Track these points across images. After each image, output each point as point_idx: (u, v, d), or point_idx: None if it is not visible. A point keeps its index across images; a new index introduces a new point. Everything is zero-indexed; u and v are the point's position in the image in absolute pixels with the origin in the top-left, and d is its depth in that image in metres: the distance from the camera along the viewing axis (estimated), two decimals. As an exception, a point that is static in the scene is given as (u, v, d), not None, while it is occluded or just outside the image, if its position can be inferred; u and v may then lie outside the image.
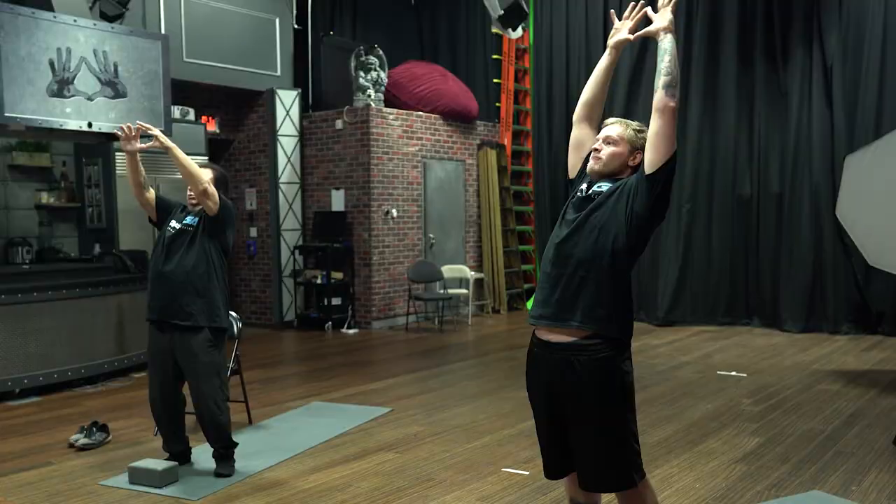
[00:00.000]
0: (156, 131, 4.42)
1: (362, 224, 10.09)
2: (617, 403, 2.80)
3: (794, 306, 9.60)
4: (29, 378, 6.36)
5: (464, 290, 10.75)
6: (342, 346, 9.03)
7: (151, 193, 4.66)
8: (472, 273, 10.82)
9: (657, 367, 7.54)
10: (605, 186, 2.88)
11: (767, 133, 9.88)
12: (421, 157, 10.65)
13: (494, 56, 11.96)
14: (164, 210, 4.69)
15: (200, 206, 4.53)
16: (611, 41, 3.12)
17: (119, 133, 4.51)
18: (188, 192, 4.55)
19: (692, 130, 10.26)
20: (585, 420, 2.83)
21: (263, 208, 10.46)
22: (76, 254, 8.59)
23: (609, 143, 2.92)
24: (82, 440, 5.09)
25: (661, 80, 2.79)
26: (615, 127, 2.95)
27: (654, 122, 2.77)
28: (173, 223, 4.58)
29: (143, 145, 4.50)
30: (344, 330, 9.94)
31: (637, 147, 2.92)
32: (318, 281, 10.03)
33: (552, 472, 3.04)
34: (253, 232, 10.58)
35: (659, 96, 2.78)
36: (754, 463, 4.64)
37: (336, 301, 10.05)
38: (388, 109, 10.25)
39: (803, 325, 9.50)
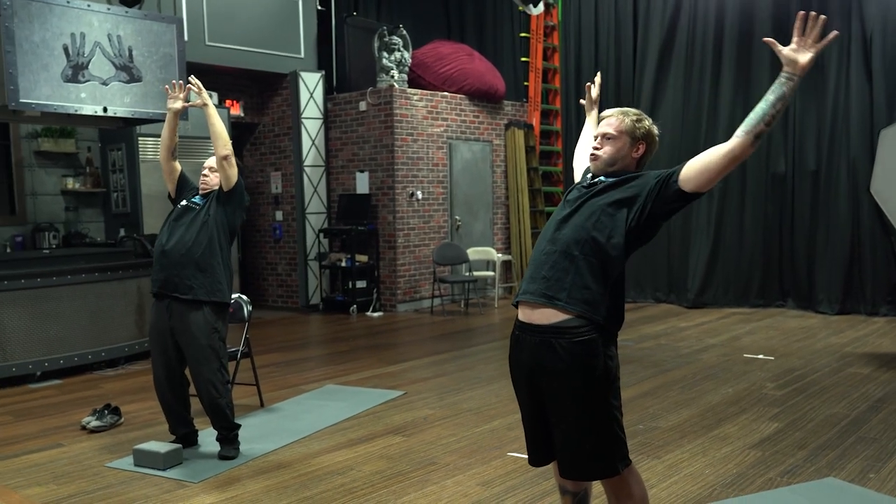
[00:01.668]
0: (201, 88, 4.52)
1: (387, 206, 10.03)
2: (598, 389, 2.68)
3: (829, 287, 9.32)
4: (50, 361, 6.43)
5: (490, 273, 10.64)
6: (365, 329, 9.00)
7: (178, 165, 4.72)
8: (500, 255, 10.70)
9: (681, 350, 7.36)
10: (612, 179, 2.79)
11: (803, 108, 9.56)
12: (446, 138, 10.53)
13: (522, 34, 11.77)
14: (182, 187, 4.72)
15: (210, 190, 4.54)
16: (586, 107, 3.33)
17: (167, 89, 4.64)
18: (202, 175, 4.57)
19: (724, 106, 9.99)
20: (565, 406, 2.72)
21: (288, 192, 10.45)
22: (102, 238, 8.68)
23: (607, 139, 2.80)
24: (94, 422, 5.12)
25: (756, 126, 2.53)
26: (611, 120, 2.82)
27: (721, 158, 2.57)
28: (182, 202, 4.60)
29: (187, 104, 4.63)
30: (369, 313, 9.91)
31: (637, 137, 2.79)
32: (343, 264, 10.01)
33: (535, 458, 2.95)
34: (278, 215, 10.59)
35: (744, 141, 2.55)
36: (770, 449, 4.48)
37: (361, 284, 10.02)
38: (413, 90, 10.15)
39: (839, 307, 9.22)
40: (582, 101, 3.38)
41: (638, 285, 10.65)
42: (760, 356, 6.97)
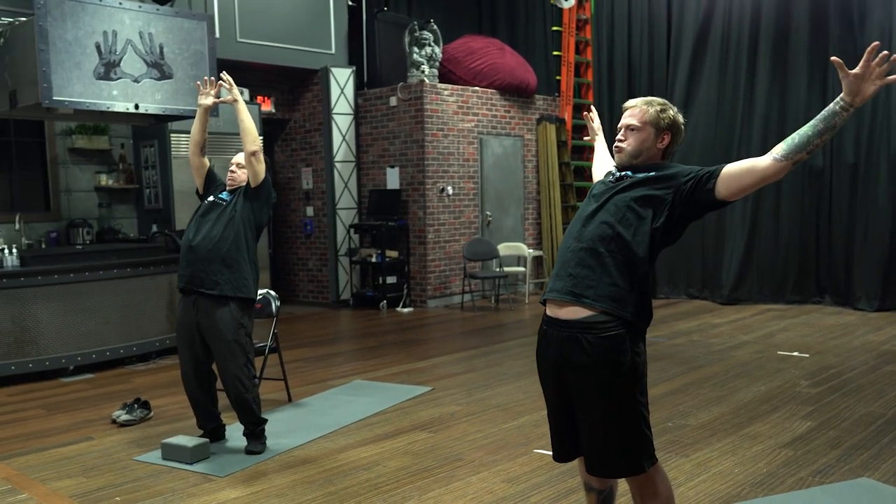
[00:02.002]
0: (232, 84, 4.57)
1: (417, 202, 10.01)
2: (625, 385, 2.64)
3: (868, 283, 9.12)
4: (82, 356, 6.52)
5: (521, 268, 10.58)
6: (395, 324, 9.00)
7: (207, 161, 4.76)
8: (531, 251, 10.64)
9: (714, 346, 7.25)
10: (640, 175, 2.73)
11: (841, 100, 9.34)
12: (477, 133, 10.49)
13: (554, 28, 11.67)
14: (210, 183, 4.75)
15: (237, 186, 4.57)
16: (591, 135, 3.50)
17: (199, 85, 4.70)
18: (229, 171, 4.60)
19: (760, 100, 9.81)
20: (592, 401, 2.68)
21: (319, 187, 10.49)
22: (135, 234, 8.78)
23: (631, 131, 2.75)
24: (124, 416, 5.17)
25: (797, 154, 2.45)
26: (634, 111, 2.76)
27: (756, 178, 2.52)
28: (209, 198, 4.63)
29: (218, 99, 4.67)
30: (399, 309, 9.91)
31: (662, 127, 2.74)
32: (374, 260, 10.02)
33: (560, 454, 2.91)
34: (309, 211, 10.63)
35: (782, 167, 2.48)
36: (802, 448, 4.39)
37: (391, 280, 10.03)
38: (443, 85, 10.12)
39: (878, 304, 9.01)
40: (593, 124, 3.51)
41: (671, 281, 10.52)
42: (795, 353, 6.84)
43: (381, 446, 4.62)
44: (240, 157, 4.61)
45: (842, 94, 2.37)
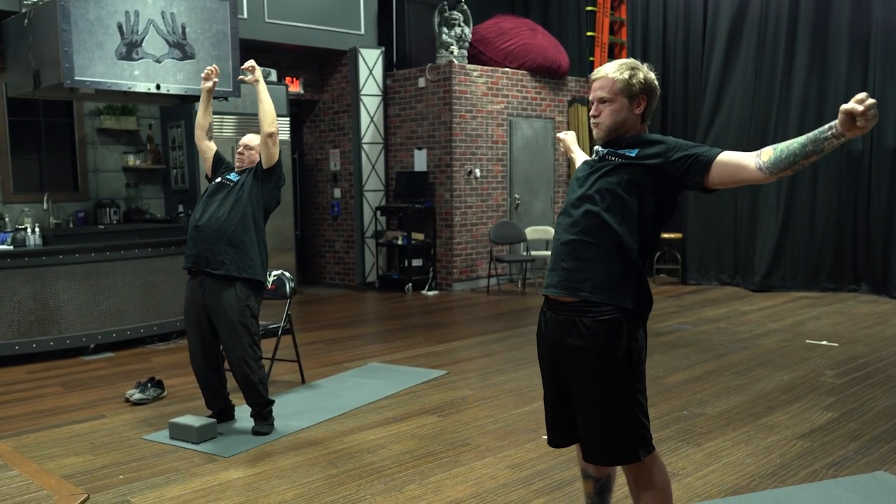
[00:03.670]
0: (255, 66, 4.56)
1: (444, 184, 9.93)
2: (620, 371, 2.56)
3: (907, 271, 8.83)
4: (103, 334, 6.58)
5: (548, 252, 10.44)
6: (419, 307, 8.96)
7: (212, 144, 4.77)
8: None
9: (740, 334, 7.08)
10: (623, 152, 2.61)
11: (884, 81, 9.02)
12: (507, 115, 10.36)
13: (588, 7, 11.46)
14: (217, 166, 4.75)
15: (244, 166, 4.55)
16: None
17: (206, 73, 4.78)
18: (237, 153, 4.59)
19: (798, 79, 9.52)
20: (586, 386, 2.61)
21: (347, 169, 10.46)
22: (161, 215, 8.84)
23: (603, 103, 2.63)
24: (137, 395, 5.20)
25: (782, 170, 2.33)
26: (603, 82, 2.62)
27: (741, 179, 2.43)
28: (216, 179, 4.61)
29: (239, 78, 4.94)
30: (424, 292, 9.86)
31: (636, 93, 2.60)
32: (400, 242, 9.97)
33: (554, 440, 2.85)
34: (336, 193, 10.61)
35: (764, 178, 2.38)
36: (819, 439, 4.24)
37: (417, 262, 9.97)
38: (472, 66, 9.99)
39: (917, 292, 8.74)
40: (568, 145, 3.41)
41: (702, 267, 10.31)
42: (824, 342, 6.65)
43: (389, 430, 4.58)
44: (247, 139, 4.58)
45: (836, 123, 2.20)
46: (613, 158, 2.61)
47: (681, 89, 10.78)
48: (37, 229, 6.48)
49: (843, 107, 2.13)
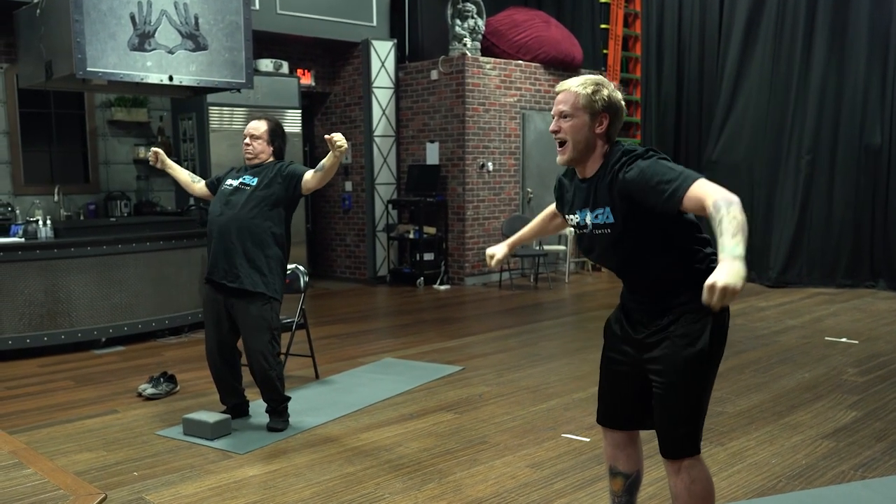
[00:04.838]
0: (343, 142, 4.37)
1: (457, 178, 9.84)
2: (705, 359, 2.49)
3: (926, 268, 8.72)
4: (114, 328, 6.53)
5: (562, 247, 10.37)
6: (431, 302, 8.89)
7: (201, 184, 4.79)
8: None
9: (758, 331, 6.99)
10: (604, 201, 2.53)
11: (902, 73, 8.91)
12: (520, 108, 10.26)
13: (602, 0, 11.36)
14: (220, 183, 4.62)
15: (258, 161, 4.44)
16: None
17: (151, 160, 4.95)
18: (244, 144, 4.47)
19: (816, 72, 9.40)
20: (665, 369, 2.53)
21: (358, 162, 10.38)
22: (172, 207, 8.78)
23: (564, 118, 2.53)
24: (149, 390, 5.14)
25: (724, 236, 2.27)
26: (566, 96, 2.53)
27: (719, 213, 2.31)
28: (229, 181, 4.49)
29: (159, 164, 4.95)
30: (436, 286, 9.79)
31: (598, 110, 2.50)
32: (411, 236, 9.90)
33: (607, 418, 2.83)
34: (348, 186, 10.54)
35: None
36: (845, 439, 4.16)
37: (428, 256, 9.90)
38: (485, 59, 9.90)
39: (936, 289, 8.62)
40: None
41: (717, 262, 10.18)
42: (843, 339, 6.55)
43: (405, 427, 4.51)
44: (252, 127, 4.44)
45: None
46: (602, 224, 2.58)
47: (696, 82, 10.66)
48: (48, 222, 6.41)
49: (707, 283, 2.11)
